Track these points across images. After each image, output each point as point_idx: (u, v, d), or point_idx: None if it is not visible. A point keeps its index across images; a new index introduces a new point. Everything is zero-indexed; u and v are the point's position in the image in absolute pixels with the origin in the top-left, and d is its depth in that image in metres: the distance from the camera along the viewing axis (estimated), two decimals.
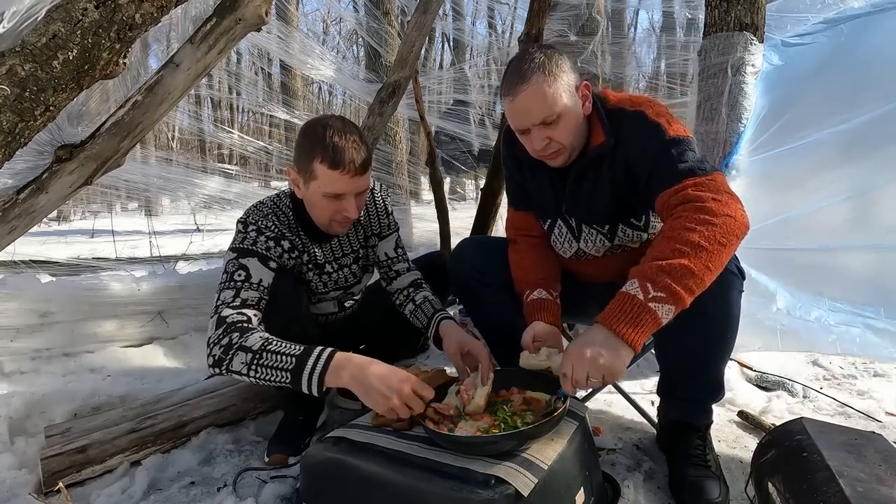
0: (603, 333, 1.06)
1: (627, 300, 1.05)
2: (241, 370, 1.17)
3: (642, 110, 1.28)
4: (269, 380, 1.16)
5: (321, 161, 1.31)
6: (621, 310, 1.05)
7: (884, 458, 1.06)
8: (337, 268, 1.62)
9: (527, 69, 1.24)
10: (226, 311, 1.26)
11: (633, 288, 1.06)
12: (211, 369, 1.21)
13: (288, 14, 6.87)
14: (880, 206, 1.94)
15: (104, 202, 8.17)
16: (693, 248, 1.04)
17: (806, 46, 2.08)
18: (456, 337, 1.44)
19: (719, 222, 1.06)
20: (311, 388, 1.14)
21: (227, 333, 1.21)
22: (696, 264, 1.03)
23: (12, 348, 2.12)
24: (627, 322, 1.04)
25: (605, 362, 1.04)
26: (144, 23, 1.29)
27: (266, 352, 1.17)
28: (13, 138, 1.17)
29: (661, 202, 1.19)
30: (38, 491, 1.36)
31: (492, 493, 0.93)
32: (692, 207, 1.10)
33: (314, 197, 1.38)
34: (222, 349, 1.19)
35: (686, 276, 1.03)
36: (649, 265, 1.06)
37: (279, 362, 1.15)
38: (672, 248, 1.06)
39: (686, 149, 1.20)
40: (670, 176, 1.18)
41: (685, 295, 1.03)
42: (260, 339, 1.19)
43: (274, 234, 1.41)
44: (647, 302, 1.03)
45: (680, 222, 1.09)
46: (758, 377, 1.99)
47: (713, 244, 1.05)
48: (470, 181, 11.14)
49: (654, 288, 1.03)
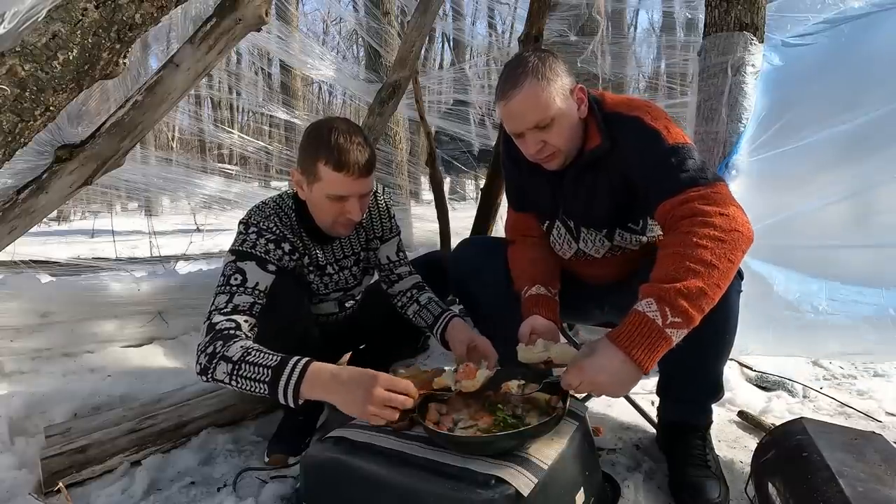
0: (619, 359, 1.05)
1: (646, 324, 1.04)
2: (224, 379, 1.16)
3: (639, 115, 1.27)
4: (248, 390, 1.14)
5: (325, 163, 1.31)
6: (639, 333, 1.05)
7: (884, 458, 1.06)
8: (338, 269, 1.62)
9: (520, 73, 1.24)
10: (216, 318, 1.26)
11: (651, 310, 1.04)
12: (199, 376, 1.21)
13: (288, 14, 6.88)
14: (880, 206, 1.93)
15: (104, 202, 8.17)
16: (706, 266, 1.04)
17: (806, 47, 2.08)
18: (466, 333, 1.45)
19: (729, 239, 1.06)
20: (288, 400, 1.11)
21: (213, 342, 1.20)
22: (709, 284, 1.04)
23: (12, 348, 2.12)
24: (644, 348, 1.04)
25: (614, 390, 1.10)
26: (144, 23, 1.29)
27: (244, 363, 1.14)
28: (13, 138, 1.17)
29: (662, 212, 1.18)
30: (38, 491, 1.36)
31: (492, 493, 0.93)
32: (700, 222, 1.09)
33: (318, 199, 1.38)
34: (207, 357, 1.19)
35: (701, 298, 1.03)
36: (668, 288, 1.04)
37: (256, 374, 1.13)
38: (685, 266, 1.05)
39: (686, 157, 1.19)
40: (671, 186, 1.17)
41: (698, 316, 1.04)
42: (240, 349, 1.17)
43: (275, 237, 1.41)
44: (664, 328, 1.03)
45: (689, 238, 1.08)
46: (758, 377, 1.98)
47: (723, 262, 1.05)
48: (470, 181, 11.15)
49: (672, 313, 1.03)
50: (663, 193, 1.18)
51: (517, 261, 1.52)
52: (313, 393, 1.10)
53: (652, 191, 1.21)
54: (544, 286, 1.43)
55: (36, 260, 3.45)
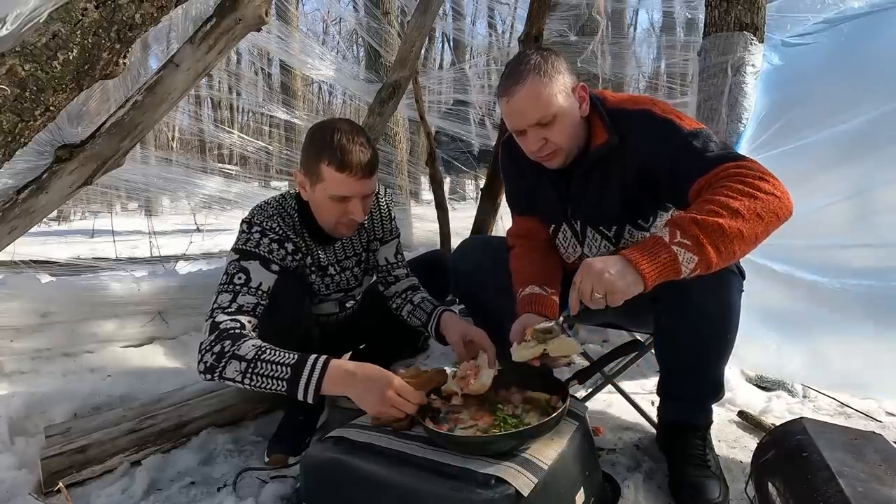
0: (620, 258, 1.04)
1: (653, 239, 1.04)
2: (235, 377, 1.18)
3: (648, 108, 1.27)
4: (264, 387, 1.18)
5: (328, 164, 1.32)
6: (645, 244, 1.04)
7: (884, 458, 1.06)
8: (339, 270, 1.62)
9: (522, 70, 1.24)
10: (220, 317, 1.26)
11: (662, 231, 1.05)
12: (202, 375, 1.22)
13: (288, 14, 6.88)
14: (880, 206, 1.93)
15: (104, 202, 8.17)
16: (730, 212, 1.02)
17: (806, 46, 2.08)
18: (459, 326, 1.46)
19: (763, 197, 1.04)
20: (308, 397, 1.16)
21: (220, 341, 1.21)
22: (731, 226, 1.01)
23: (12, 348, 2.12)
24: (645, 254, 1.03)
25: (611, 279, 1.02)
26: (144, 23, 1.29)
27: (260, 361, 1.17)
28: (13, 138, 1.17)
29: (696, 188, 1.15)
30: (38, 491, 1.36)
31: (492, 493, 0.93)
32: (738, 180, 1.07)
33: (320, 199, 1.38)
34: (214, 356, 1.20)
35: (717, 232, 1.00)
36: (684, 216, 1.04)
37: (274, 371, 1.17)
38: (709, 208, 1.03)
39: (708, 139, 1.19)
40: (702, 164, 1.15)
41: (711, 251, 1.00)
42: (253, 347, 1.20)
43: (278, 237, 1.41)
44: (670, 244, 1.02)
45: (722, 191, 1.06)
46: (758, 377, 1.98)
47: (752, 214, 1.02)
48: (470, 181, 11.14)
49: (682, 235, 1.02)
50: (694, 172, 1.15)
51: (517, 264, 1.51)
52: (333, 389, 1.16)
53: (680, 175, 1.19)
54: (539, 286, 1.41)
55: (36, 260, 3.45)
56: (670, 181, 1.22)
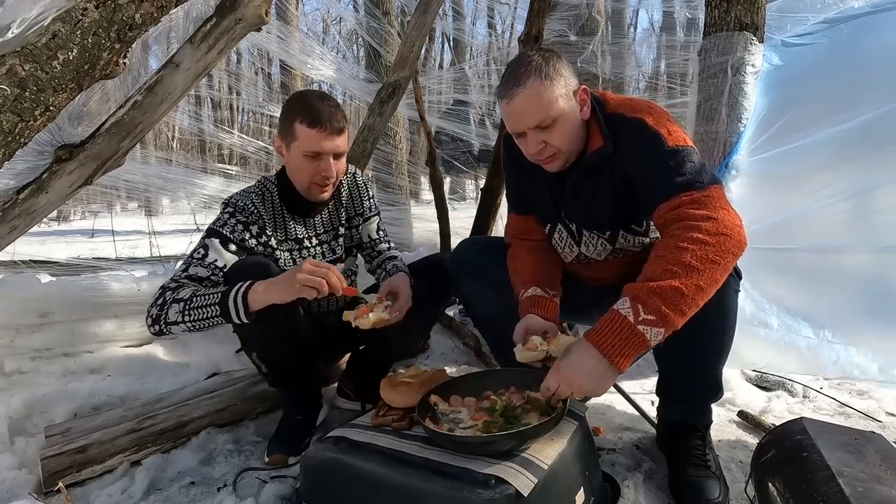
0: (593, 357, 1.06)
1: (618, 321, 1.06)
2: (177, 319, 1.30)
3: (642, 117, 1.26)
4: (201, 318, 1.30)
5: (301, 121, 1.42)
6: (611, 329, 1.06)
7: (884, 458, 1.06)
8: (317, 243, 1.66)
9: (523, 72, 1.23)
10: (168, 283, 1.40)
11: (625, 308, 1.06)
12: (150, 329, 1.34)
13: (288, 14, 6.86)
14: (880, 206, 1.93)
15: (104, 202, 8.18)
16: (684, 268, 1.04)
17: (806, 46, 2.08)
18: (395, 281, 1.55)
19: (713, 242, 1.06)
20: (240, 313, 1.28)
21: (161, 295, 1.35)
22: (687, 285, 1.03)
23: (12, 348, 2.12)
24: (615, 345, 1.05)
25: (589, 388, 1.08)
26: (144, 23, 1.29)
27: (196, 296, 1.31)
28: (13, 138, 1.17)
29: (657, 216, 1.19)
30: (38, 491, 1.36)
31: (492, 493, 0.93)
32: (686, 226, 1.10)
33: (295, 159, 1.47)
34: (157, 307, 1.33)
35: (677, 297, 1.03)
36: (641, 286, 1.06)
37: (208, 300, 1.30)
38: (664, 268, 1.06)
39: (685, 160, 1.19)
40: (665, 190, 1.17)
41: (675, 317, 1.03)
42: (190, 291, 1.34)
43: (245, 218, 1.50)
44: (636, 325, 1.03)
45: (673, 241, 1.09)
46: (758, 377, 1.98)
47: (705, 264, 1.05)
48: (470, 181, 11.14)
49: (645, 310, 1.03)
50: (658, 197, 1.18)
51: (516, 264, 1.51)
52: (258, 298, 1.28)
53: (649, 195, 1.22)
54: (541, 287, 1.41)
55: (36, 260, 3.44)
56: (642, 196, 1.26)
